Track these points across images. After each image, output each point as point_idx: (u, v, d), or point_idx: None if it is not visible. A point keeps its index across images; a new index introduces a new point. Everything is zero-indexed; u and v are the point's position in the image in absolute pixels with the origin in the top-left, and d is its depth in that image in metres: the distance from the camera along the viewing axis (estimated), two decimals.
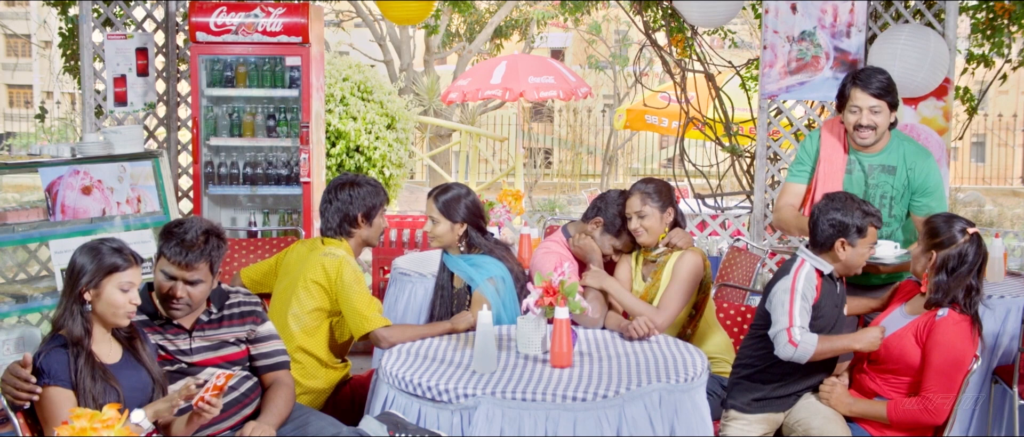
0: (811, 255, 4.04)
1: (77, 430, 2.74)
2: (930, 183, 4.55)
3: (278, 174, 7.29)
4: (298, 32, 6.92)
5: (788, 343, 3.84)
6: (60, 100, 21.99)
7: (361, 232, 4.49)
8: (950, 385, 3.83)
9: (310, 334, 4.34)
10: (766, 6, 6.84)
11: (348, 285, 4.29)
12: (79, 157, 5.29)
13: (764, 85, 6.92)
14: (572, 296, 3.77)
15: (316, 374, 4.34)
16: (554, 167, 21.04)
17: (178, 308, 3.66)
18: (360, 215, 4.45)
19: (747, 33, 16.91)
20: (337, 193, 4.46)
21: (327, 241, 4.46)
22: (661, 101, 10.73)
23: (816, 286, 3.97)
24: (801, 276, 3.95)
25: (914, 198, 4.57)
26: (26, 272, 5.48)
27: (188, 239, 3.61)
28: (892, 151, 4.58)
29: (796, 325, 3.85)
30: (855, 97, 4.47)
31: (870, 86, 4.44)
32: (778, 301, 3.93)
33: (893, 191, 4.57)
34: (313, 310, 4.33)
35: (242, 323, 3.83)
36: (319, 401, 4.34)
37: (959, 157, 20.63)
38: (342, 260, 4.33)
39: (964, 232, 3.91)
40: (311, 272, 4.34)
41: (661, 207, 4.45)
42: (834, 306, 4.05)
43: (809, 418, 3.97)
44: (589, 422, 3.40)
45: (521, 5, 20.30)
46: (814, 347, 3.86)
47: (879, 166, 4.58)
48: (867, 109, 4.46)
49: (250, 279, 4.70)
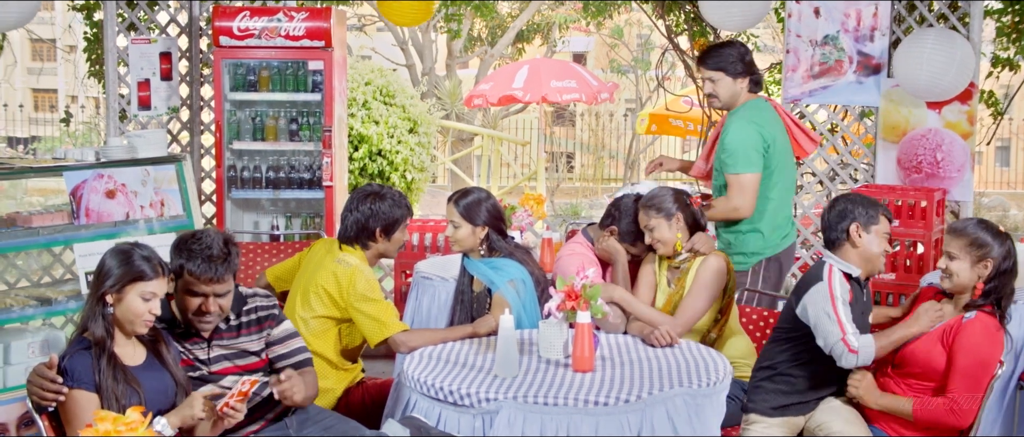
0: (835, 258, 4.03)
1: (100, 432, 2.74)
2: (726, 139, 5.03)
3: (301, 178, 7.31)
4: (321, 36, 6.94)
5: (848, 352, 3.83)
6: (85, 104, 22.14)
7: (378, 246, 4.48)
8: (976, 387, 3.81)
9: (318, 337, 4.35)
10: (789, 9, 6.82)
11: (361, 296, 4.28)
12: (103, 161, 5.32)
13: (787, 89, 6.89)
14: (594, 300, 3.77)
15: (326, 374, 4.34)
16: (576, 171, 21.02)
17: (210, 322, 3.66)
18: (379, 229, 4.43)
19: (770, 37, 16.84)
20: (359, 203, 4.44)
21: (343, 247, 4.47)
22: (684, 105, 10.69)
23: (849, 290, 3.96)
24: (836, 281, 3.94)
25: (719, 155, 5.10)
26: (50, 275, 5.52)
27: (214, 253, 3.57)
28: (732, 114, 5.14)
29: (849, 332, 3.84)
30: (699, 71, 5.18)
31: (705, 62, 5.11)
32: (821, 311, 3.90)
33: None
34: (321, 316, 4.35)
35: (259, 329, 3.82)
36: (329, 400, 4.34)
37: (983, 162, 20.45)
38: (355, 270, 4.32)
39: (999, 234, 3.94)
40: (322, 278, 4.34)
41: (666, 216, 4.45)
42: (861, 313, 4.03)
43: (830, 422, 3.97)
44: (611, 427, 3.40)
45: (543, 9, 20.31)
46: (874, 347, 3.85)
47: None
48: (706, 79, 5.12)
49: (275, 276, 4.73)
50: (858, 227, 3.98)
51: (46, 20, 24.92)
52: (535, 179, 16.09)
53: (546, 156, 17.62)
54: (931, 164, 6.58)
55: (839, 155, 7.07)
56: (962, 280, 3.93)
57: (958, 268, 3.92)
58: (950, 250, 3.96)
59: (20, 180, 5.79)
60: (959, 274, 3.93)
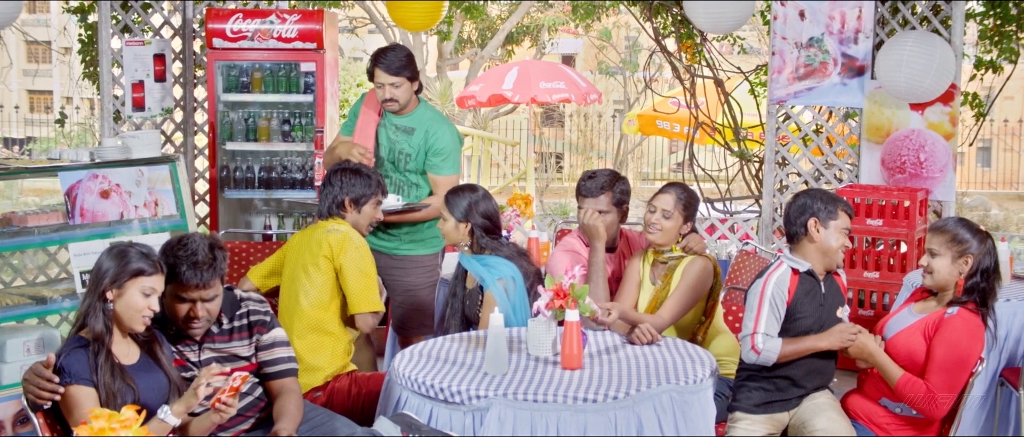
0: (788, 256, 4.11)
1: (95, 430, 2.79)
2: (441, 145, 5.27)
3: (293, 178, 7.36)
4: (313, 38, 6.99)
5: (750, 349, 3.96)
6: (79, 105, 22.12)
7: (349, 217, 4.63)
8: (952, 383, 3.87)
9: (324, 307, 4.45)
10: (774, 12, 6.90)
11: (352, 261, 4.44)
12: (98, 161, 5.35)
13: (772, 91, 6.97)
14: (582, 299, 3.81)
15: (321, 350, 4.42)
16: (565, 171, 21.04)
17: (199, 327, 3.68)
18: (348, 199, 4.61)
19: (756, 39, 16.93)
20: (331, 178, 4.65)
21: (328, 220, 4.62)
22: (671, 106, 10.78)
23: (789, 288, 4.02)
24: (772, 280, 4.01)
25: (428, 157, 5.27)
26: (46, 274, 5.54)
27: (199, 260, 3.57)
28: (414, 116, 5.33)
29: (760, 332, 3.94)
30: (378, 75, 5.23)
31: (389, 66, 5.18)
32: (748, 305, 4.02)
33: (410, 148, 5.29)
34: (323, 283, 4.45)
35: (250, 335, 3.83)
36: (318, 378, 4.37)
37: (965, 162, 20.56)
38: (345, 235, 4.48)
39: (979, 231, 4.02)
40: (317, 248, 4.46)
41: (686, 218, 4.51)
42: (819, 305, 4.08)
43: (814, 419, 4.00)
44: (599, 423, 3.44)
45: (532, 11, 20.36)
46: (777, 352, 3.95)
47: (402, 127, 5.32)
48: (389, 84, 5.20)
49: (258, 277, 4.78)
50: (816, 222, 4.04)
51: (42, 22, 24.85)
52: (524, 179, 16.12)
53: (535, 156, 17.66)
54: (914, 164, 6.67)
55: (824, 156, 7.16)
56: (943, 276, 4.00)
57: (939, 265, 4.00)
58: (931, 247, 4.03)
59: (16, 180, 5.82)
60: (940, 270, 4.00)
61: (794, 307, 4.02)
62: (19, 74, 28.54)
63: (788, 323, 4.02)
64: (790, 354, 3.98)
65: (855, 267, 6.20)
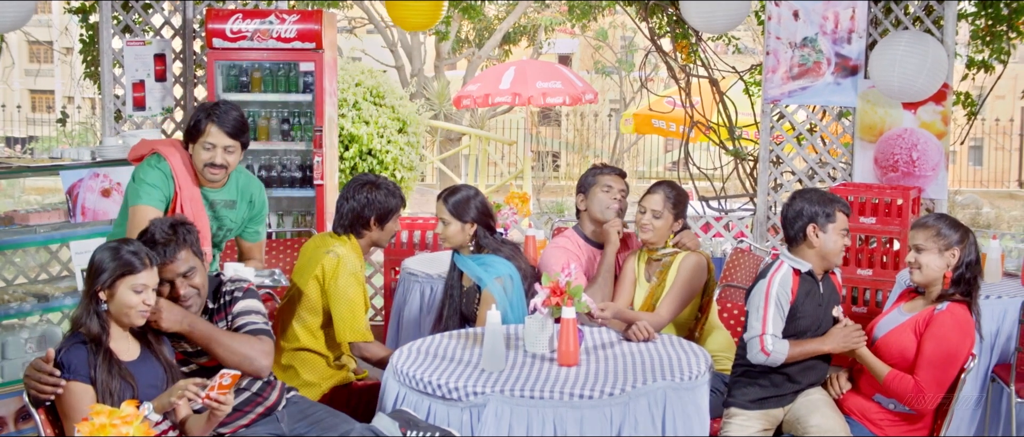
0: (788, 255, 4.14)
1: (96, 427, 2.81)
2: (263, 210, 4.62)
3: (292, 177, 7.39)
4: (312, 38, 7.03)
5: (760, 351, 3.97)
6: (81, 105, 22.13)
7: (371, 234, 4.55)
8: (941, 379, 3.91)
9: (313, 333, 4.42)
10: (769, 12, 6.95)
11: (341, 289, 4.34)
12: (99, 160, 5.40)
13: (767, 90, 7.02)
14: (578, 296, 3.83)
15: (314, 367, 4.42)
16: (561, 170, 21.07)
17: (191, 305, 3.69)
18: (373, 218, 4.51)
19: (750, 39, 16.96)
20: (355, 192, 4.51)
21: (335, 238, 4.53)
22: (666, 105, 10.81)
23: (792, 289, 4.05)
24: (776, 280, 4.04)
25: (248, 226, 4.60)
26: (48, 272, 5.58)
27: (157, 239, 3.61)
28: (231, 185, 4.49)
29: (768, 333, 3.97)
30: (210, 133, 4.24)
31: (226, 124, 4.24)
32: (754, 306, 4.04)
33: (232, 223, 4.54)
34: (313, 307, 4.42)
35: (228, 314, 3.83)
36: (314, 394, 4.38)
37: (957, 161, 20.68)
38: (340, 261, 4.38)
39: (960, 226, 4.07)
40: (315, 268, 4.41)
41: (676, 215, 4.56)
42: (817, 305, 4.11)
43: (809, 415, 4.03)
44: (595, 419, 3.46)
45: (529, 11, 20.40)
46: (785, 354, 3.98)
47: (223, 201, 4.48)
48: (222, 147, 4.27)
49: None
50: (815, 228, 4.07)
51: (43, 22, 24.85)
52: (521, 178, 16.16)
53: (532, 155, 17.70)
54: (907, 163, 6.72)
55: (818, 154, 7.20)
56: (931, 271, 4.04)
57: (926, 260, 4.04)
58: (917, 243, 4.07)
59: (18, 179, 5.86)
60: (928, 265, 4.04)
61: (796, 307, 4.06)
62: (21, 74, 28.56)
63: (788, 323, 4.06)
64: (796, 356, 4.03)
65: (849, 264, 6.24)
